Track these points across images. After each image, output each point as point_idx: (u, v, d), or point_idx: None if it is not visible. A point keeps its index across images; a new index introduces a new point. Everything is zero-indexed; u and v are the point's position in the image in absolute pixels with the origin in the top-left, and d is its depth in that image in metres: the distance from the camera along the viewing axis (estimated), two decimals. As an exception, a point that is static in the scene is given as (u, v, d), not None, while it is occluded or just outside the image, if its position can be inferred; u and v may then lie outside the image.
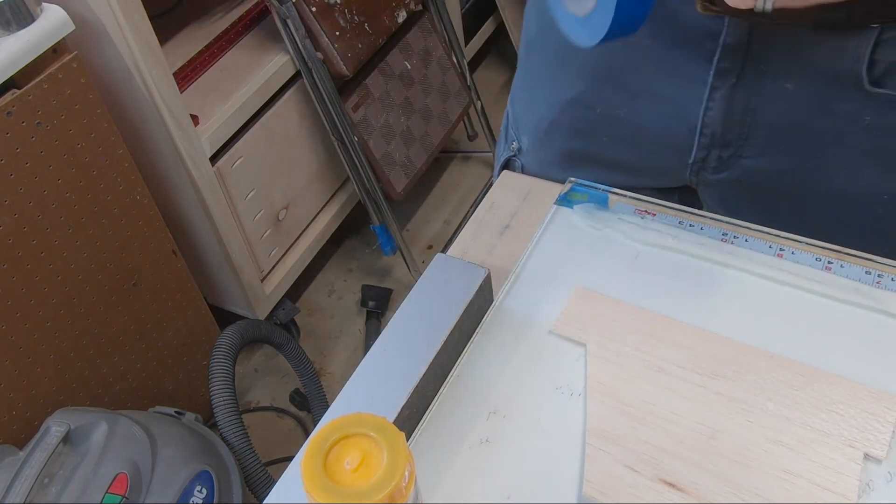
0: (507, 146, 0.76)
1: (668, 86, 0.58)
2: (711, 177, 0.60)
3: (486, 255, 0.54)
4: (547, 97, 0.68)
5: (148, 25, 1.13)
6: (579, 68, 0.63)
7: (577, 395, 0.44)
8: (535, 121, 0.70)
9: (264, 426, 1.55)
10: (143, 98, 1.17)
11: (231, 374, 1.24)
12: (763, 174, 0.58)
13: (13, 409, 1.09)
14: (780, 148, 0.56)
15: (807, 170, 0.56)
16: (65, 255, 1.10)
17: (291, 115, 1.47)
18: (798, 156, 0.56)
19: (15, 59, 0.95)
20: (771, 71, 0.52)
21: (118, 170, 1.14)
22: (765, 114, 0.55)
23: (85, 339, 1.18)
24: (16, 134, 0.98)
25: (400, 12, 1.55)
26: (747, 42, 0.52)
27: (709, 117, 0.56)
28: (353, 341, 1.68)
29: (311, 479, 0.33)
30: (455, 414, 0.45)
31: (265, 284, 1.52)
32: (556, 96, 0.66)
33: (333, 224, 1.66)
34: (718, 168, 0.59)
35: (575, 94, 0.64)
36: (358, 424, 0.34)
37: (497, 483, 0.41)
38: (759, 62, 0.52)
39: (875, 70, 0.49)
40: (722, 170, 0.59)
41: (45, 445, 0.95)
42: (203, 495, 1.01)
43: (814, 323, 0.47)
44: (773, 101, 0.54)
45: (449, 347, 0.45)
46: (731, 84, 0.54)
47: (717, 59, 0.53)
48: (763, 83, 0.53)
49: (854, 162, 0.54)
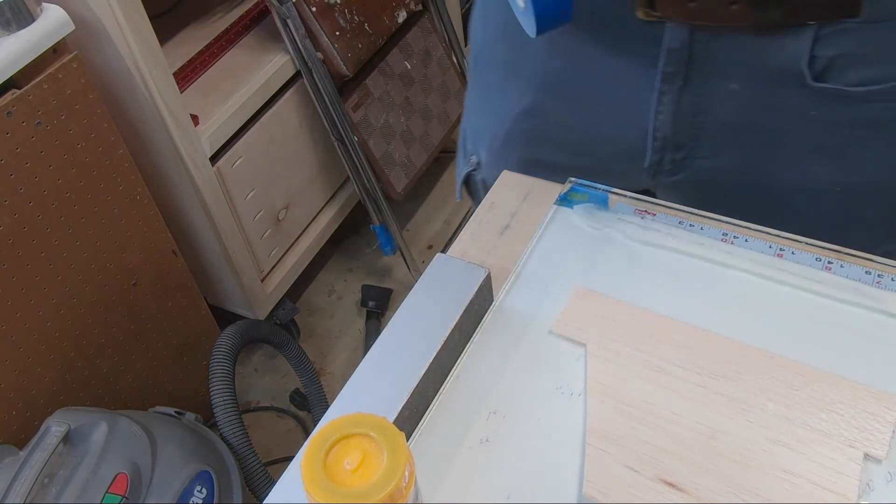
0: (466, 161, 0.76)
1: (617, 92, 0.58)
2: (667, 179, 0.60)
3: (486, 255, 0.54)
4: (499, 109, 0.68)
5: (148, 25, 1.13)
6: (528, 79, 0.63)
7: (577, 395, 0.44)
8: (491, 134, 0.70)
9: (264, 426, 1.55)
10: (143, 98, 1.17)
11: (231, 374, 1.24)
12: (717, 174, 0.58)
13: (13, 409, 1.09)
14: (732, 147, 0.57)
15: (759, 167, 0.57)
16: (65, 255, 1.10)
17: (291, 115, 1.47)
18: (749, 154, 0.56)
19: (15, 59, 0.95)
20: (716, 72, 0.53)
21: (118, 170, 1.14)
22: (714, 114, 0.55)
23: (85, 339, 1.18)
24: (16, 134, 0.98)
25: (400, 12, 1.55)
26: (690, 45, 0.52)
27: (659, 121, 0.57)
28: (353, 341, 1.68)
29: (311, 479, 0.33)
30: (455, 414, 0.45)
31: (265, 284, 1.52)
32: (508, 108, 0.66)
33: (333, 224, 1.66)
34: (673, 171, 0.59)
35: (526, 105, 0.64)
36: (358, 424, 0.34)
37: (497, 483, 0.41)
38: (704, 64, 0.53)
39: (816, 66, 0.50)
40: (677, 172, 0.59)
41: (45, 445, 0.95)
42: (203, 495, 1.01)
43: (814, 323, 0.47)
44: (720, 101, 0.54)
45: (449, 347, 0.45)
46: (679, 87, 0.54)
47: (662, 64, 0.54)
48: (709, 84, 0.54)
49: (804, 157, 0.55)
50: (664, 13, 0.51)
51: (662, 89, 0.55)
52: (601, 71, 0.58)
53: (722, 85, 0.53)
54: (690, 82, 0.54)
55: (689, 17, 0.50)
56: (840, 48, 0.49)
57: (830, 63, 0.50)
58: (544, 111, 0.63)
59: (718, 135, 0.56)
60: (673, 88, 0.55)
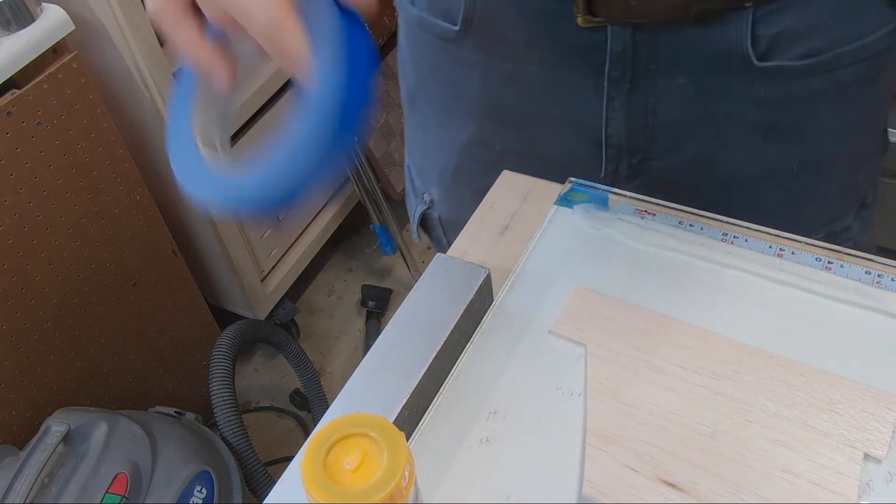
0: (419, 201, 0.74)
1: (562, 107, 0.58)
2: (625, 185, 0.60)
3: (486, 255, 0.54)
4: (440, 145, 0.67)
5: (148, 25, 1.13)
6: (466, 111, 0.62)
7: (577, 395, 0.44)
8: (437, 171, 0.69)
9: (264, 426, 1.55)
10: (143, 98, 1.17)
11: (231, 374, 1.24)
12: (675, 172, 0.58)
13: (13, 409, 1.09)
14: (686, 142, 0.57)
15: (715, 158, 0.57)
16: (65, 255, 1.10)
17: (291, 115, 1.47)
18: (704, 146, 0.56)
19: (15, 59, 0.95)
20: (662, 69, 0.53)
21: (118, 170, 1.14)
22: (664, 112, 0.55)
23: (85, 339, 1.18)
24: (16, 134, 0.98)
25: (400, 12, 1.55)
26: (633, 46, 0.52)
27: (612, 128, 0.57)
28: (353, 341, 1.68)
29: (311, 479, 0.33)
30: (455, 414, 0.45)
31: (265, 284, 1.52)
32: (451, 142, 0.65)
33: (333, 224, 1.66)
34: (631, 176, 0.59)
35: (469, 136, 0.63)
36: (358, 424, 0.34)
37: (497, 483, 0.41)
38: (649, 63, 0.53)
39: (759, 45, 0.50)
40: (634, 177, 0.59)
41: (45, 445, 0.95)
42: (203, 495, 1.01)
43: (814, 323, 0.47)
44: (669, 97, 0.54)
45: (449, 347, 0.45)
46: (626, 90, 0.54)
47: (607, 69, 0.54)
48: (656, 82, 0.54)
49: (757, 140, 0.55)
50: (605, 16, 0.51)
51: (611, 95, 0.55)
52: (543, 89, 0.57)
53: (669, 81, 0.53)
54: (637, 83, 0.54)
55: (631, 16, 0.50)
56: (780, 25, 0.50)
57: (773, 41, 0.50)
58: (488, 140, 0.62)
59: (671, 132, 0.56)
60: (621, 93, 0.54)
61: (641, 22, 0.51)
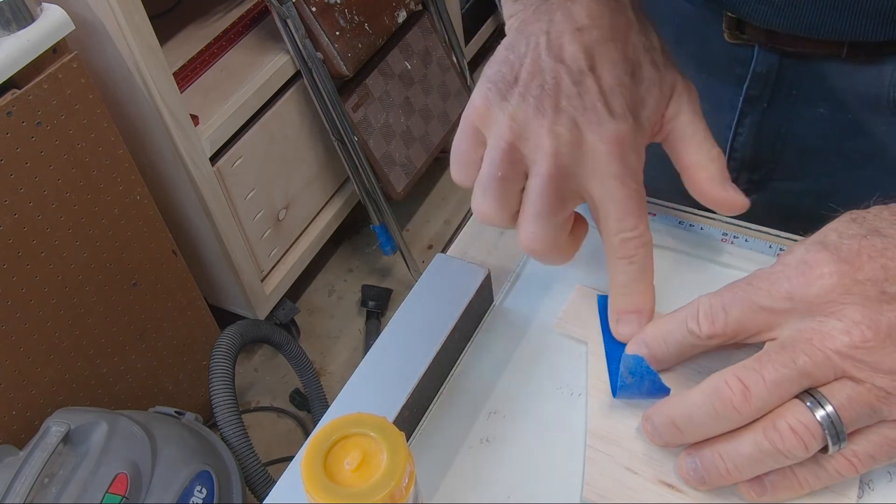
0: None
1: None
2: None
3: (486, 255, 0.54)
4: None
5: (148, 25, 1.13)
6: None
7: (577, 395, 0.44)
8: None
9: (264, 426, 1.55)
10: (143, 98, 1.17)
11: (231, 374, 1.24)
12: (794, 196, 0.57)
13: (13, 409, 1.09)
14: (812, 170, 0.55)
15: (839, 191, 0.54)
16: (65, 255, 1.10)
17: (291, 115, 1.47)
18: (830, 177, 0.55)
19: (15, 59, 0.95)
20: (802, 97, 0.51)
21: (118, 170, 1.14)
22: (797, 137, 0.54)
23: (85, 339, 1.18)
24: (16, 134, 0.98)
25: (400, 12, 1.55)
26: (778, 69, 0.51)
27: (738, 142, 0.55)
28: (353, 341, 1.68)
29: (311, 479, 0.33)
30: (455, 414, 0.44)
31: (265, 284, 1.52)
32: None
33: (333, 224, 1.66)
34: (748, 191, 0.57)
35: None
36: (358, 424, 0.34)
37: (497, 483, 0.41)
38: (791, 89, 0.51)
39: None
40: (751, 192, 0.57)
41: (45, 445, 0.95)
42: (203, 495, 1.01)
43: (814, 323, 0.47)
44: (805, 125, 0.53)
45: (449, 347, 0.45)
46: (762, 110, 0.53)
47: (746, 86, 0.52)
48: (795, 108, 0.52)
49: (888, 181, 0.53)
50: (752, 38, 0.50)
51: (745, 111, 0.54)
52: None
53: (808, 110, 0.52)
54: (775, 105, 0.52)
55: (780, 44, 0.49)
56: None
57: None
58: None
59: (800, 157, 0.54)
60: (756, 111, 0.53)
61: (790, 51, 0.49)
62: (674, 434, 0.37)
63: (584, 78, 0.38)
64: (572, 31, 0.38)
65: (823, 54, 0.49)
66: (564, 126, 0.37)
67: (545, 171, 0.37)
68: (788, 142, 0.54)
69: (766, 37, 0.49)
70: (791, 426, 0.33)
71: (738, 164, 0.57)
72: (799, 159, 0.55)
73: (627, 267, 0.40)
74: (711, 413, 0.35)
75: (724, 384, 0.34)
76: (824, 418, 0.33)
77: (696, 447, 0.37)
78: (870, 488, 0.38)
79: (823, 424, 0.33)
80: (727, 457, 0.35)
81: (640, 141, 0.39)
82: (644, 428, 0.39)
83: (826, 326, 0.33)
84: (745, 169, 0.57)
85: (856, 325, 0.33)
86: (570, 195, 0.38)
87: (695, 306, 0.38)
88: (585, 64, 0.38)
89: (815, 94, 0.51)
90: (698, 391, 0.36)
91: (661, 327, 0.40)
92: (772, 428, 0.34)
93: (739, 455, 0.35)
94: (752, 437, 0.34)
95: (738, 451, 0.35)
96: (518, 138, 0.38)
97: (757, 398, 0.34)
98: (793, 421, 0.33)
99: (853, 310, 0.33)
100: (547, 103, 0.37)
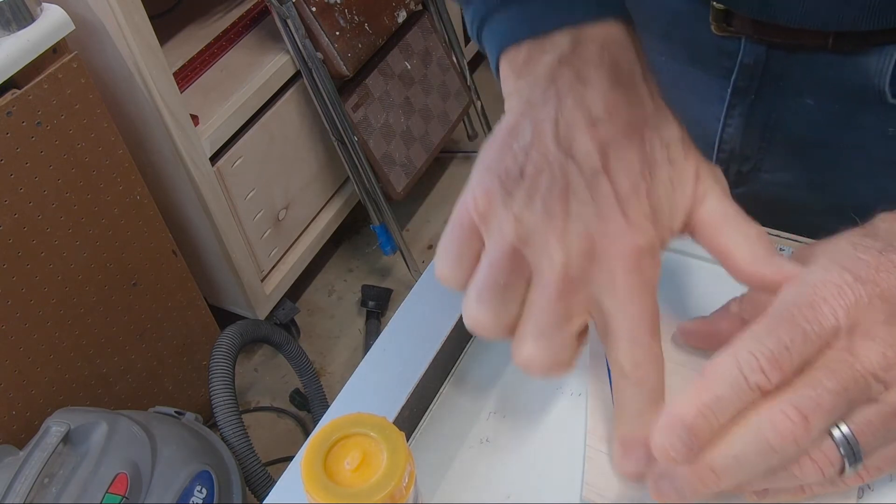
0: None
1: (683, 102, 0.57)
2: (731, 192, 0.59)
3: (486, 255, 0.54)
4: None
5: (148, 25, 1.13)
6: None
7: (577, 395, 0.44)
8: None
9: (264, 426, 1.55)
10: (143, 98, 1.17)
11: (231, 374, 1.24)
12: (783, 188, 0.57)
13: (13, 409, 1.09)
14: (801, 162, 0.55)
15: (828, 183, 0.55)
16: (65, 255, 1.10)
17: (291, 115, 1.47)
18: (819, 169, 0.55)
19: (15, 59, 0.95)
20: (790, 88, 0.51)
21: (118, 170, 1.14)
22: (785, 129, 0.54)
23: (85, 339, 1.18)
24: (16, 134, 0.98)
25: (400, 12, 1.55)
26: (765, 61, 0.51)
27: (727, 133, 0.55)
28: (353, 341, 1.68)
29: (311, 479, 0.33)
30: (455, 414, 0.44)
31: (265, 284, 1.52)
32: None
33: (333, 224, 1.66)
34: (737, 183, 0.58)
35: None
36: (358, 424, 0.34)
37: (497, 483, 0.41)
38: (779, 80, 0.51)
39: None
40: (740, 185, 0.58)
41: (45, 445, 0.95)
42: (203, 495, 1.01)
43: (814, 323, 0.47)
44: (792, 116, 0.53)
45: (449, 347, 0.45)
46: (750, 101, 0.53)
47: (734, 78, 0.52)
48: (782, 100, 0.52)
49: (876, 172, 0.53)
50: (739, 29, 0.50)
51: (732, 102, 0.53)
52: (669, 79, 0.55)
53: (796, 100, 0.52)
54: (763, 97, 0.52)
55: (765, 35, 0.49)
56: None
57: None
58: None
59: (788, 149, 0.54)
60: (744, 103, 0.53)
61: (777, 42, 0.49)
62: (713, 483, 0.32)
63: (598, 180, 0.34)
64: (586, 123, 0.34)
65: (810, 45, 0.49)
66: (576, 234, 0.33)
67: (552, 283, 0.33)
68: (776, 133, 0.54)
69: (752, 28, 0.49)
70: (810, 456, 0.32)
71: (726, 157, 0.57)
72: (787, 151, 0.55)
73: (638, 392, 0.35)
74: (766, 450, 0.31)
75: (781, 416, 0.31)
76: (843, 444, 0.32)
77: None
78: (870, 488, 0.38)
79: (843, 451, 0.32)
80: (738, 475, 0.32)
81: (656, 250, 0.35)
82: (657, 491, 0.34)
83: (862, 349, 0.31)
84: (733, 161, 0.57)
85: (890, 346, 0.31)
86: (577, 310, 0.34)
87: (744, 356, 0.31)
88: (599, 163, 0.34)
89: (802, 86, 0.51)
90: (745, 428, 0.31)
91: (702, 396, 0.32)
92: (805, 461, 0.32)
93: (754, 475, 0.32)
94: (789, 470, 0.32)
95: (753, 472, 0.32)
96: (523, 243, 0.34)
97: (815, 427, 0.31)
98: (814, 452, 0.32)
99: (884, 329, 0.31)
100: (557, 207, 0.34)
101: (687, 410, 0.31)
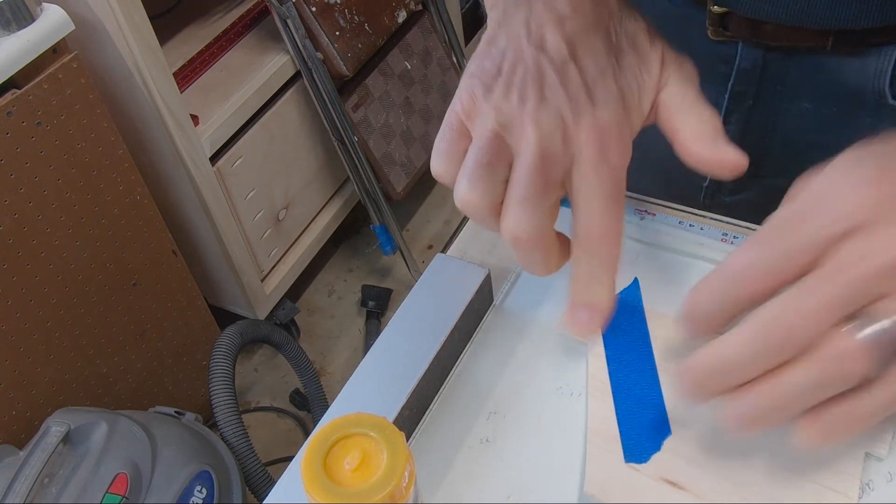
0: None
1: None
2: (727, 199, 0.58)
3: (486, 255, 0.54)
4: None
5: (148, 25, 1.13)
6: None
7: (577, 395, 0.44)
8: None
9: (264, 426, 1.55)
10: (143, 98, 1.17)
11: (231, 374, 1.24)
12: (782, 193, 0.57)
13: (13, 409, 1.09)
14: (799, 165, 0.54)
15: None
16: (65, 255, 1.10)
17: (291, 115, 1.47)
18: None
19: (15, 59, 0.95)
20: (788, 92, 0.51)
21: (118, 170, 1.14)
22: (783, 133, 0.53)
23: (85, 339, 1.18)
24: (16, 134, 0.99)
25: (400, 12, 1.55)
26: (763, 65, 0.51)
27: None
28: (353, 341, 1.68)
29: (311, 479, 0.33)
30: (455, 414, 0.44)
31: (265, 284, 1.52)
32: None
33: (333, 224, 1.66)
34: (736, 189, 0.58)
35: None
36: (358, 424, 0.34)
37: (497, 483, 0.41)
38: (776, 83, 0.51)
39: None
40: (739, 191, 0.58)
41: (45, 445, 0.95)
42: (203, 495, 1.01)
43: (814, 323, 0.47)
44: (791, 120, 0.53)
45: (449, 347, 0.45)
46: (748, 106, 0.53)
47: (731, 84, 0.52)
48: (781, 104, 0.52)
49: None
50: (737, 33, 0.49)
51: (730, 108, 0.53)
52: None
53: (793, 104, 0.51)
54: (761, 102, 0.52)
55: (762, 38, 0.49)
56: None
57: None
58: None
59: (786, 153, 0.54)
60: (742, 108, 0.53)
61: (774, 45, 0.49)
62: (718, 383, 0.35)
63: (567, 68, 0.38)
64: (553, 20, 0.38)
65: (808, 47, 0.48)
66: (548, 116, 0.37)
67: (530, 159, 0.37)
68: (775, 137, 0.54)
69: (750, 31, 0.49)
70: (834, 353, 0.32)
71: None
72: (785, 155, 0.55)
73: (590, 260, 0.39)
74: (759, 351, 0.33)
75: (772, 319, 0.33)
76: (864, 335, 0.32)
77: (739, 391, 0.35)
78: (870, 488, 0.38)
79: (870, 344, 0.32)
80: (776, 392, 0.33)
81: (625, 130, 0.39)
82: (683, 385, 0.36)
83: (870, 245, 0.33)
84: None
85: None
86: (554, 182, 0.38)
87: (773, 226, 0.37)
88: (567, 53, 0.38)
89: (800, 89, 0.51)
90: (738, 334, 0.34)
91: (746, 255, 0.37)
92: (817, 357, 0.32)
93: (788, 386, 0.33)
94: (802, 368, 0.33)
95: (787, 383, 0.33)
96: (503, 128, 0.38)
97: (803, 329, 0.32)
98: (839, 346, 0.32)
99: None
100: (530, 93, 0.37)
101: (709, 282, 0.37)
